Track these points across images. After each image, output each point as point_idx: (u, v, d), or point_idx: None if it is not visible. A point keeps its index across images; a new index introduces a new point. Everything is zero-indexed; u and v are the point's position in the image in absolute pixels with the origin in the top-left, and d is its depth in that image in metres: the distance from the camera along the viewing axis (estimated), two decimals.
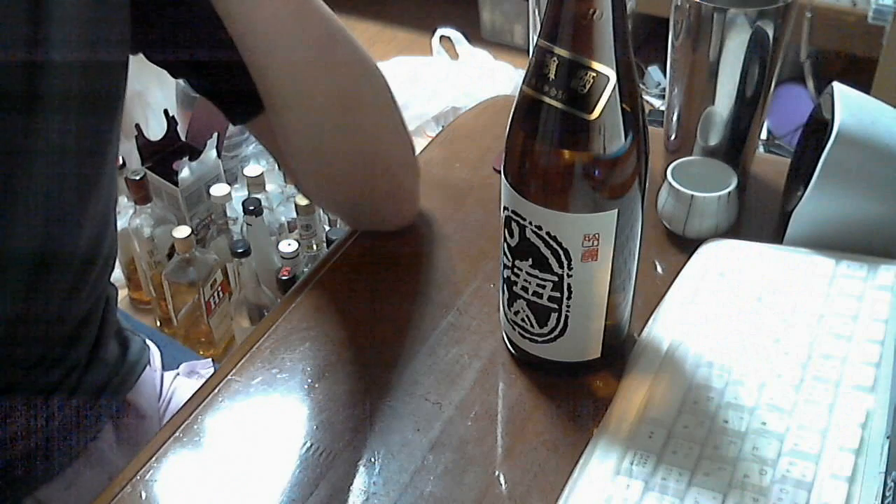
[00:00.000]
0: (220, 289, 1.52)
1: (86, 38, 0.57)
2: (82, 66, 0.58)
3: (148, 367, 0.80)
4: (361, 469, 0.55)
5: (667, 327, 0.61)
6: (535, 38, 0.53)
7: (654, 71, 2.09)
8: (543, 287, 0.55)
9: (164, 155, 1.63)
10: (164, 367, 0.84)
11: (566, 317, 0.56)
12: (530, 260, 0.54)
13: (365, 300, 0.67)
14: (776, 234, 0.68)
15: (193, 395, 0.61)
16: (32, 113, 0.56)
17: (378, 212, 0.72)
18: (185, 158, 1.58)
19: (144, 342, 0.81)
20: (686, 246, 0.69)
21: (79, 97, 0.58)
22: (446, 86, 2.08)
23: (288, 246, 1.47)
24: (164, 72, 0.71)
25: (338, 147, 0.66)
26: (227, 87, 0.68)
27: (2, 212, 0.57)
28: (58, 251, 0.61)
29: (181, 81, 1.79)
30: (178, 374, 0.84)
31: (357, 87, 0.65)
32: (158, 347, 0.84)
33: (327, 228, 1.56)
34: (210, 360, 0.88)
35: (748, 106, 0.70)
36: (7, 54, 0.53)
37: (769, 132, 1.88)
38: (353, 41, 0.64)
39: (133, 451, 0.71)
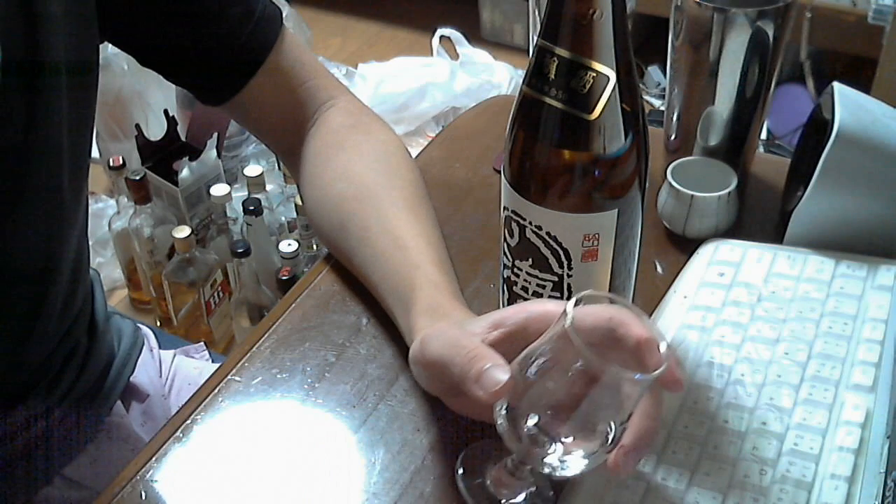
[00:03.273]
0: (220, 289, 1.52)
1: (69, 33, 0.58)
2: (69, 63, 0.59)
3: (144, 347, 0.81)
4: (361, 469, 0.55)
5: (667, 327, 0.61)
6: (535, 38, 0.53)
7: (654, 71, 2.09)
8: (543, 287, 0.55)
9: (164, 155, 1.62)
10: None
11: None
12: (530, 260, 0.54)
13: (365, 300, 0.67)
14: (776, 234, 0.68)
15: (193, 395, 0.61)
16: (31, 110, 0.56)
17: None
18: (185, 158, 1.58)
19: (135, 324, 0.82)
20: (686, 246, 0.69)
21: (70, 91, 0.59)
22: (446, 86, 2.07)
23: (288, 246, 1.47)
24: None
25: None
26: (198, 74, 0.69)
27: (5, 218, 0.57)
28: (57, 259, 0.63)
29: None
30: (176, 353, 0.85)
31: None
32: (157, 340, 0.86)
33: None
34: (203, 343, 0.89)
35: (748, 106, 0.70)
36: (7, 55, 0.54)
37: (769, 132, 1.88)
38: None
39: (144, 428, 0.75)
